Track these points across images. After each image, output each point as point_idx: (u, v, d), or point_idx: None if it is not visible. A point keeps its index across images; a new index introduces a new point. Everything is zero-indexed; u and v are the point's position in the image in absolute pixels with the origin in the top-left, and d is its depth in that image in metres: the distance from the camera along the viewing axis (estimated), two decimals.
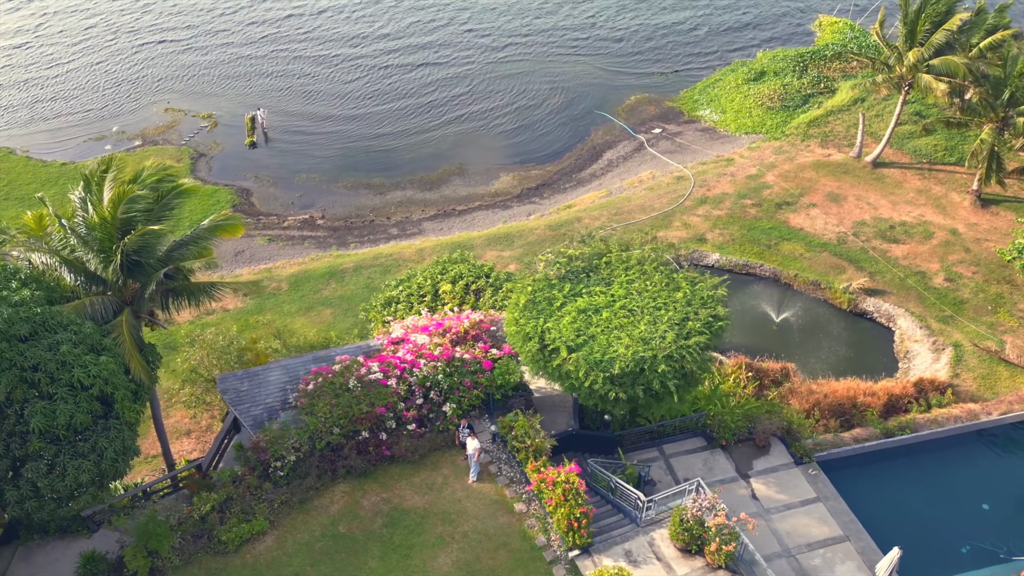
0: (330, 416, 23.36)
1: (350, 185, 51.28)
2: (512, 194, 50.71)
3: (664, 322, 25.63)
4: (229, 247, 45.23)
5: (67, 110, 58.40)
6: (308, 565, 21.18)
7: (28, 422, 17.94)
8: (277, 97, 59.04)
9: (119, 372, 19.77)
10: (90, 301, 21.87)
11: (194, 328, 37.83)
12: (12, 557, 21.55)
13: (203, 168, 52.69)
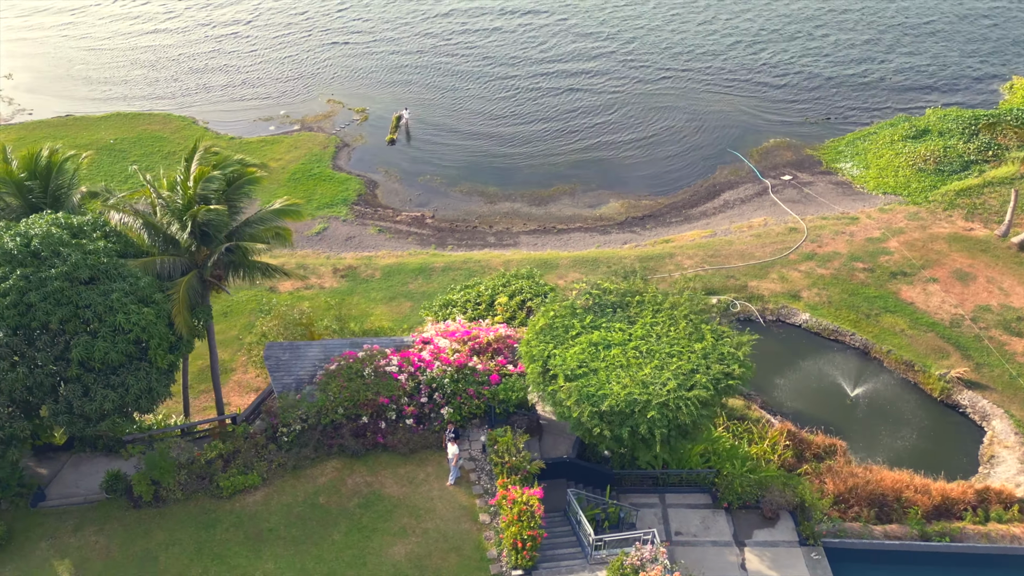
0: (338, 397, 25.65)
1: (466, 191, 53.99)
2: (615, 220, 51.06)
3: (671, 369, 25.49)
4: (342, 231, 49.46)
5: (250, 94, 66.00)
6: (283, 525, 23.56)
7: (72, 351, 21.71)
8: (427, 103, 63.21)
9: (158, 324, 23.18)
10: (160, 260, 25.63)
11: (291, 299, 42.12)
12: (66, 462, 25.87)
13: (343, 157, 57.66)
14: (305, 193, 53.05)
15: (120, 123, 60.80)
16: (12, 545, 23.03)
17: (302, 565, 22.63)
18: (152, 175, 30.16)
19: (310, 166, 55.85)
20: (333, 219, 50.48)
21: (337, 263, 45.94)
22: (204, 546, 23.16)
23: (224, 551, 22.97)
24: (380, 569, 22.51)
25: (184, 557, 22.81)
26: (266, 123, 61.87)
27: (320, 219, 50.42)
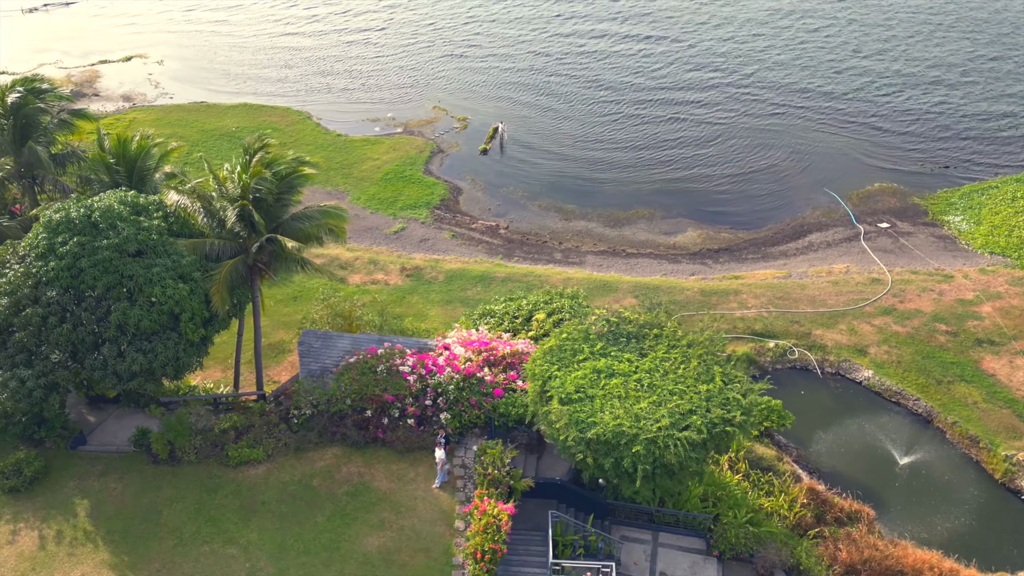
0: (348, 388, 27.18)
1: (544, 206, 54.77)
2: (688, 251, 50.21)
3: (668, 407, 25.20)
4: (419, 233, 51.50)
5: (364, 96, 69.82)
6: (275, 500, 25.30)
7: (112, 315, 24.42)
8: (526, 119, 64.62)
9: (192, 299, 25.57)
10: (210, 242, 28.19)
11: (357, 291, 44.46)
12: (111, 414, 28.96)
13: (436, 162, 59.96)
14: (393, 192, 55.63)
15: (244, 113, 66.02)
16: (46, 479, 26.14)
17: (282, 540, 24.25)
18: (231, 164, 33.07)
19: (403, 168, 58.43)
20: (413, 220, 52.64)
21: (406, 262, 47.93)
22: (203, 508, 25.30)
23: (218, 515, 24.99)
24: (351, 556, 23.73)
25: (183, 515, 25.03)
26: (373, 124, 65.25)
27: (401, 219, 52.70)
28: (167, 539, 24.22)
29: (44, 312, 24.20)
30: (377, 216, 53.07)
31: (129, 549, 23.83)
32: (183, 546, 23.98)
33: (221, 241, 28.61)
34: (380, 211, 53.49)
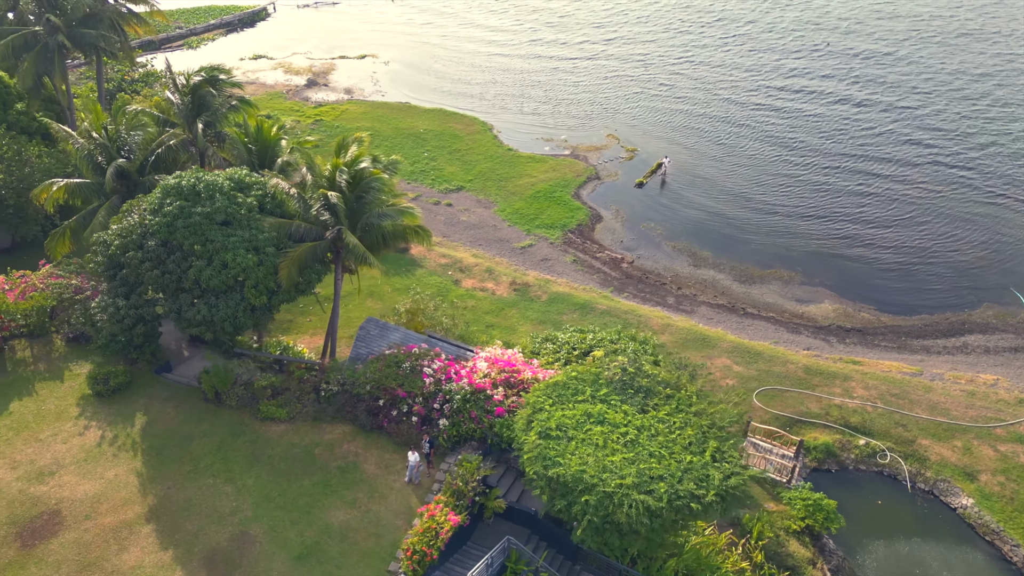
0: (370, 376, 29.86)
1: (678, 247, 53.84)
2: (814, 323, 46.76)
3: (640, 466, 24.76)
4: (543, 252, 53.18)
5: (549, 119, 72.76)
6: (278, 457, 28.57)
7: (190, 270, 29.28)
8: (696, 161, 63.69)
9: (258, 270, 29.58)
10: (296, 224, 32.31)
11: (465, 294, 47.32)
12: (199, 353, 34.33)
13: (589, 187, 61.27)
14: (536, 210, 57.86)
15: (437, 118, 71.96)
16: (126, 392, 31.82)
17: (269, 492, 27.44)
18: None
19: (555, 188, 60.45)
20: (543, 239, 54.46)
21: (519, 277, 49.91)
22: (223, 447, 29.33)
23: (231, 456, 28.84)
24: (315, 522, 26.30)
25: (207, 448, 29.23)
26: (544, 143, 68.01)
27: (533, 236, 54.71)
28: (186, 464, 28.56)
29: (143, 257, 29.70)
30: (512, 229, 55.57)
31: (156, 464, 28.50)
32: (195, 473, 28.16)
33: (306, 225, 32.61)
34: (517, 225, 55.91)
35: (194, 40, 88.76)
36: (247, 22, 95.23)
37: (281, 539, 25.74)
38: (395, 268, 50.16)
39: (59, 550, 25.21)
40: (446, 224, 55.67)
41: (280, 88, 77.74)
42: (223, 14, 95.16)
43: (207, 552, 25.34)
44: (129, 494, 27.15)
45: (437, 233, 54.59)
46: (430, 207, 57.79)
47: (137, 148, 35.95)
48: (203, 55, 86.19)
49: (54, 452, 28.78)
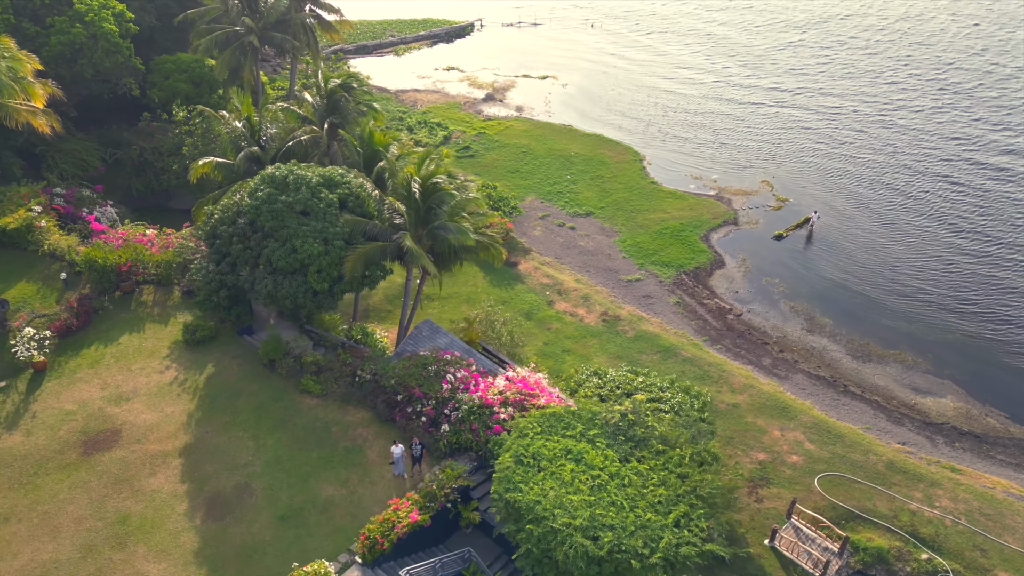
0: (396, 372, 32.07)
1: (795, 308, 50.71)
2: (924, 418, 42.05)
3: (596, 511, 24.61)
4: (648, 289, 52.54)
5: (706, 156, 71.27)
6: (301, 426, 31.49)
7: (264, 249, 33.32)
8: (853, 224, 59.25)
9: (322, 259, 32.82)
10: (371, 224, 35.34)
11: (554, 314, 48.25)
12: (278, 325, 38.70)
13: (722, 231, 59.41)
14: (657, 246, 57.25)
15: (592, 143, 73.26)
16: (207, 344, 36.56)
17: (280, 454, 30.44)
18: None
19: (684, 227, 59.34)
20: (652, 276, 53.83)
21: (612, 309, 49.86)
22: (261, 407, 32.87)
23: (264, 417, 32.28)
24: (306, 489, 28.84)
25: (247, 405, 32.94)
26: (691, 180, 66.81)
27: (644, 271, 54.26)
28: (227, 415, 32.50)
29: (233, 232, 34.24)
30: (626, 261, 55.46)
31: (205, 409, 32.76)
32: (231, 425, 31.97)
33: (380, 225, 35.63)
34: (632, 258, 55.69)
35: (401, 48, 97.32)
36: (453, 35, 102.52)
37: (274, 498, 28.64)
38: (499, 280, 52.25)
39: (107, 463, 30.07)
40: (562, 246, 56.79)
41: (460, 99, 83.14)
42: (433, 27, 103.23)
43: (212, 493, 28.88)
44: (175, 429, 31.59)
45: (549, 254, 55.93)
46: (553, 228, 59.25)
47: (272, 139, 41.18)
48: (404, 61, 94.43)
49: (136, 382, 34.16)
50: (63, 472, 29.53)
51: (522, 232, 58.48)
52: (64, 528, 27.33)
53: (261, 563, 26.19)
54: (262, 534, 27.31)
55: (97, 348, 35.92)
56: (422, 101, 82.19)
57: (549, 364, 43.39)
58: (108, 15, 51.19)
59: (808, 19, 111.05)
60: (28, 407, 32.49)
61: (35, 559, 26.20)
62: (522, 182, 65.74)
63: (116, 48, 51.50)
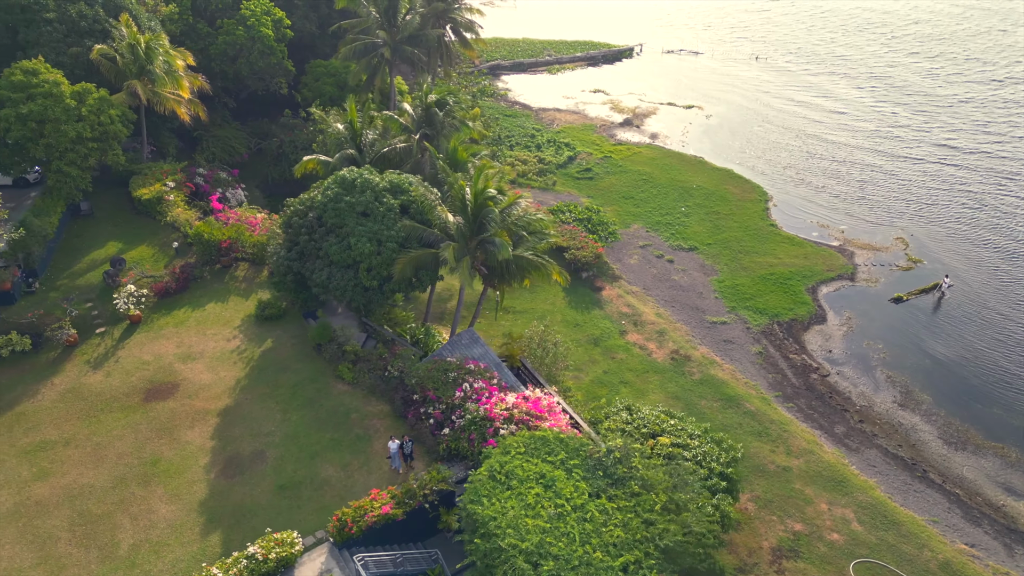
0: (417, 373, 33.58)
1: (891, 379, 46.51)
2: (1007, 524, 36.85)
3: (547, 538, 24.64)
4: (732, 334, 50.27)
5: (837, 205, 66.92)
6: (325, 407, 33.53)
7: (323, 244, 36.14)
8: (989, 297, 53.52)
9: (374, 258, 34.87)
10: (428, 231, 37.15)
11: (623, 344, 47.75)
12: (345, 314, 41.56)
13: (832, 286, 55.58)
14: (756, 291, 54.76)
15: (717, 177, 71.11)
16: (274, 321, 39.81)
17: (298, 429, 32.75)
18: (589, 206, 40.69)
19: (792, 276, 56.29)
20: (741, 321, 51.58)
21: (685, 348, 48.38)
22: (297, 385, 35.45)
23: (297, 394, 34.82)
24: (311, 466, 30.83)
25: (287, 382, 35.62)
26: (814, 228, 63.10)
27: (733, 315, 52.12)
28: (268, 387, 35.45)
29: (302, 224, 37.39)
30: (718, 302, 53.54)
31: (252, 379, 35.96)
32: (268, 396, 34.87)
33: (439, 234, 37.34)
34: (724, 300, 53.65)
35: (555, 68, 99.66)
36: (609, 59, 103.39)
37: (280, 468, 31.07)
38: (578, 302, 52.43)
39: (159, 411, 34.09)
40: (654, 278, 55.85)
41: (597, 122, 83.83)
42: (591, 49, 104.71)
43: (232, 454, 31.85)
44: (221, 391, 35.13)
45: (638, 284, 55.17)
46: (650, 258, 58.39)
47: (371, 144, 44.44)
48: (555, 81, 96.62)
49: (205, 346, 38.30)
50: (123, 412, 33.87)
51: (617, 258, 58.12)
52: (107, 460, 31.41)
53: (249, 523, 28.60)
54: (260, 498, 29.76)
55: (185, 311, 40.65)
56: (560, 120, 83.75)
57: (602, 392, 43.04)
58: (267, 20, 57.44)
59: (1011, 75, 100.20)
60: (115, 352, 37.52)
61: (77, 481, 30.38)
62: (633, 209, 65.23)
63: (270, 50, 57.63)
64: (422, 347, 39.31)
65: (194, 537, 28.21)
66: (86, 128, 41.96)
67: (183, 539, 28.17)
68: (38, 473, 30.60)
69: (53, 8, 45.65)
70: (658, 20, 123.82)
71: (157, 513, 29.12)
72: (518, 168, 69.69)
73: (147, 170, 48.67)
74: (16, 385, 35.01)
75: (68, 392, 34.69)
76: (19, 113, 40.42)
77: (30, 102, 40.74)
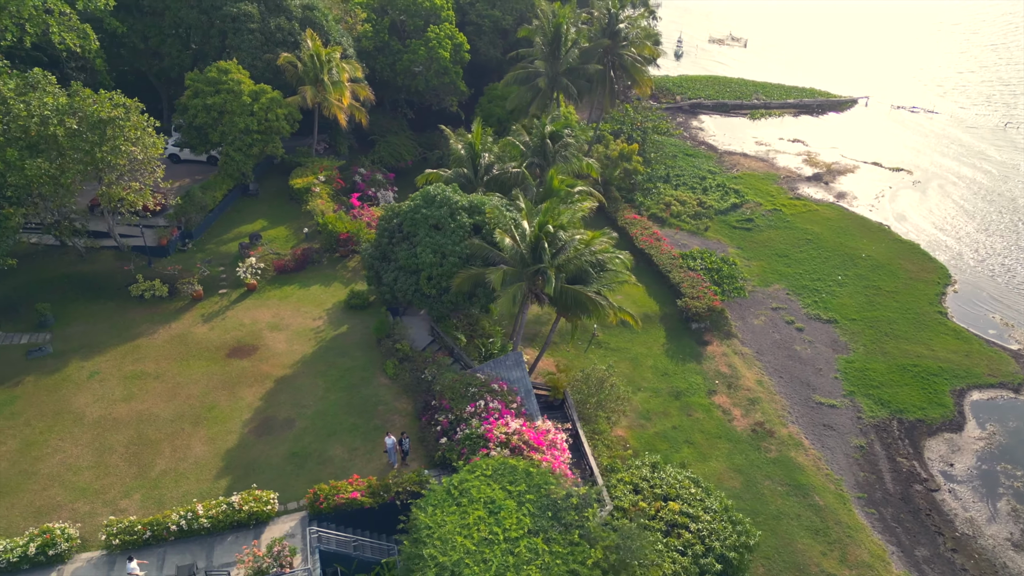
0: (444, 382, 35.22)
1: (1019, 514, 39.72)
2: None
3: (466, 560, 25.27)
4: (838, 420, 45.08)
5: None
6: (360, 396, 35.66)
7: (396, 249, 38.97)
8: None
9: (436, 268, 36.76)
10: (494, 252, 38.41)
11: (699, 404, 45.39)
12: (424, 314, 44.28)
13: (989, 392, 47.75)
14: (888, 380, 48.82)
15: (893, 249, 63.44)
16: (359, 310, 42.08)
17: (328, 409, 34.91)
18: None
19: (938, 373, 49.50)
20: (853, 409, 46.27)
21: (772, 423, 44.45)
22: (349, 370, 37.87)
23: (343, 377, 37.02)
24: (325, 443, 33.35)
25: (342, 367, 38.18)
26: (995, 325, 54.89)
27: (847, 400, 46.86)
28: (324, 366, 38.48)
29: (386, 228, 40.64)
30: (835, 383, 48.68)
31: (316, 356, 39.16)
32: (321, 374, 37.75)
33: (507, 257, 38.55)
34: (845, 383, 48.44)
35: (759, 112, 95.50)
36: (826, 108, 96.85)
37: (299, 438, 34.29)
38: (677, 351, 50.49)
39: (234, 367, 39.04)
40: (772, 344, 52.11)
41: (782, 173, 79.16)
42: (807, 96, 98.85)
43: (269, 416, 35.71)
44: (288, 362, 39.31)
45: (751, 346, 51.73)
46: (778, 322, 54.50)
47: (488, 166, 47.02)
48: (754, 126, 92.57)
49: (293, 320, 42.98)
50: (208, 362, 39.44)
51: (740, 316, 54.94)
52: (178, 397, 36.87)
53: (255, 478, 32.05)
54: (272, 459, 33.21)
55: (292, 288, 46.00)
56: (742, 166, 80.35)
57: (662, 447, 41.46)
58: (448, 44, 62.57)
59: None
60: (224, 312, 43.62)
61: (149, 409, 36.08)
62: (782, 268, 61.04)
63: (445, 71, 62.68)
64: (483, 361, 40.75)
65: (208, 477, 32.30)
66: (253, 122, 49.18)
67: (200, 476, 32.38)
68: (126, 395, 36.81)
69: (258, 20, 54.03)
70: (905, 72, 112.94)
71: (192, 450, 33.71)
72: (672, 208, 68.29)
73: (309, 163, 55.49)
74: (144, 323, 42.20)
75: (176, 337, 41.12)
76: (205, 103, 48.61)
77: (216, 95, 48.78)
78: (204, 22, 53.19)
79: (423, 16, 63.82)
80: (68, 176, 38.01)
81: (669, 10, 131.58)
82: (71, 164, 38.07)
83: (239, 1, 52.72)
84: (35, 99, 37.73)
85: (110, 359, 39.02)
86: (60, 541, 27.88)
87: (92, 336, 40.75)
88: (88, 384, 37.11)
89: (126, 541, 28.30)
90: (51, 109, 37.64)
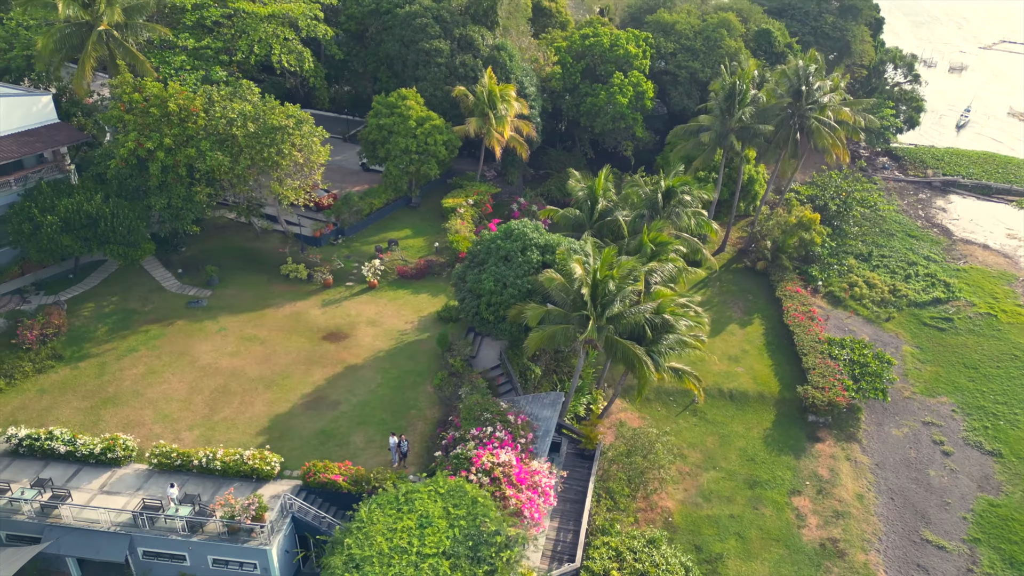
0: (467, 404, 36.87)
1: None
2: None
3: (375, 558, 27.18)
4: (935, 561, 38.88)
5: None
6: (401, 397, 38.54)
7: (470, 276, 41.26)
8: None
9: (493, 296, 38.59)
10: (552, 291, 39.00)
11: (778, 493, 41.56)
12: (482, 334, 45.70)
13: None
14: None
15: None
16: (446, 323, 45.86)
17: (369, 401, 37.61)
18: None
19: None
20: (970, 558, 39.55)
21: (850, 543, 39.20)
22: (406, 373, 40.12)
23: (400, 378, 39.33)
24: (351, 428, 36.29)
25: (406, 367, 40.46)
26: None
27: (966, 547, 40.03)
28: (390, 365, 40.66)
29: (474, 254, 43.05)
30: (958, 524, 41.74)
31: (388, 354, 41.89)
32: (383, 371, 40.12)
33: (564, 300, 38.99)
34: (972, 525, 41.58)
35: None
36: None
37: (334, 420, 37.94)
38: (780, 442, 46.69)
39: (323, 348, 43.82)
40: (902, 461, 45.80)
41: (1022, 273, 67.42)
42: None
43: (320, 396, 39.93)
44: (365, 353, 42.97)
45: (872, 455, 46.34)
46: (920, 437, 47.71)
47: (604, 212, 47.91)
48: (1013, 215, 79.44)
49: (389, 320, 46.65)
50: (305, 339, 45.13)
51: (877, 421, 48.70)
52: (269, 362, 42.76)
53: (282, 443, 36.19)
54: (304, 431, 37.41)
55: (404, 292, 50.42)
56: (973, 258, 69.97)
57: (707, 532, 39.05)
58: (629, 90, 63.95)
59: None
60: (341, 301, 49.35)
61: (242, 367, 42.22)
62: (961, 380, 52.69)
63: (622, 116, 63.99)
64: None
65: (251, 431, 37.43)
66: (414, 144, 55.03)
67: (245, 430, 37.64)
68: (233, 352, 43.73)
69: (446, 56, 60.32)
70: None
71: (252, 407, 39.24)
72: (856, 290, 62.00)
73: (468, 186, 60.26)
74: (279, 297, 49.46)
75: (294, 314, 47.67)
76: (379, 123, 55.61)
77: (388, 117, 55.59)
78: (404, 54, 60.70)
79: (616, 63, 65.80)
80: (240, 167, 46.41)
81: (981, 74, 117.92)
82: (244, 159, 46.45)
83: (434, 38, 59.32)
84: (231, 105, 46.76)
85: (240, 320, 46.46)
86: (119, 449, 34.54)
87: (239, 300, 48.78)
88: (214, 337, 44.67)
89: (162, 463, 34.15)
90: (237, 113, 46.34)
